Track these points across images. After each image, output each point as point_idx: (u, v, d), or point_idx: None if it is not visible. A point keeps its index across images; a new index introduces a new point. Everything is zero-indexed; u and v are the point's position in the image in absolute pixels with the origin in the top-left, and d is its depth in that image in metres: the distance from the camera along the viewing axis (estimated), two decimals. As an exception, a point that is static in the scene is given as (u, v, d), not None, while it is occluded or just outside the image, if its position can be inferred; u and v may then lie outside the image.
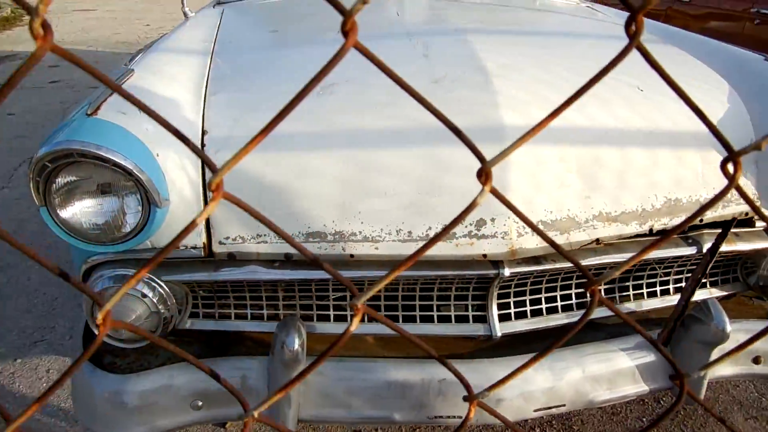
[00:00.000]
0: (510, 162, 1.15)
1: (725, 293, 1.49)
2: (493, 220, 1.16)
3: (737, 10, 3.66)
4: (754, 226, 1.36)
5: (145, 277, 1.22)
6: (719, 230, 1.34)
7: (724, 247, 1.34)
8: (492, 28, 1.60)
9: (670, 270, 1.42)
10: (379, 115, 1.20)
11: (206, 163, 0.35)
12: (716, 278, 1.48)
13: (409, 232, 1.17)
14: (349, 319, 1.33)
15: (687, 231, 1.36)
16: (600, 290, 0.44)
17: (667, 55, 1.59)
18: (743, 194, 0.43)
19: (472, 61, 1.30)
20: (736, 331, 1.37)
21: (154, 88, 1.30)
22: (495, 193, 0.38)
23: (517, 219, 1.16)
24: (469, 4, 1.95)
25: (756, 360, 1.41)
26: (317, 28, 1.74)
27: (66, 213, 1.11)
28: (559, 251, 0.44)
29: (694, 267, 1.41)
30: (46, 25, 0.29)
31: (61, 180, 1.08)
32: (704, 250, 1.33)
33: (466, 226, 1.17)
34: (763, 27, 3.49)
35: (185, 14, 2.20)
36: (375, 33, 1.54)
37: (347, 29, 0.35)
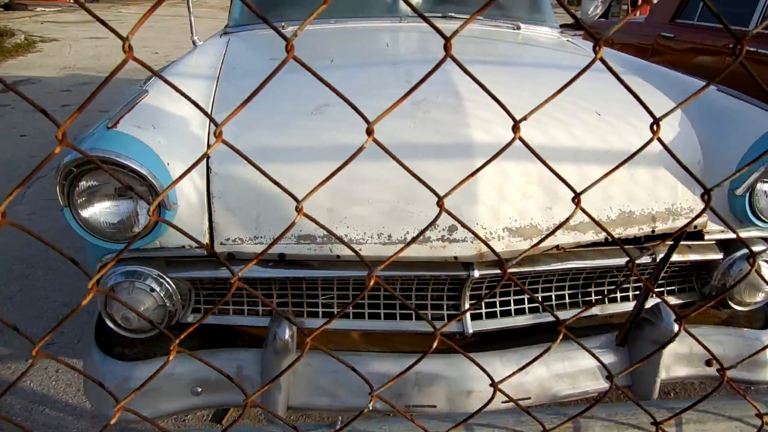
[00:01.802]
0: (478, 175, 1.29)
1: (683, 301, 1.63)
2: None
3: (717, 45, 3.87)
4: (703, 239, 1.50)
5: (154, 273, 1.37)
6: (671, 242, 1.49)
7: (676, 258, 1.48)
8: (471, 58, 1.78)
9: (628, 277, 1.56)
10: (363, 133, 1.36)
11: (209, 118, 0.50)
12: (673, 287, 1.62)
13: (389, 236, 1.32)
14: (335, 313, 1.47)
15: (643, 241, 1.50)
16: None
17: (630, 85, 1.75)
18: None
19: (448, 86, 1.46)
20: (687, 336, 1.51)
21: (166, 107, 1.46)
22: (377, 142, 0.54)
23: (485, 225, 1.31)
24: (457, 37, 2.12)
25: (708, 362, 1.54)
26: (309, 56, 1.92)
27: (86, 213, 1.26)
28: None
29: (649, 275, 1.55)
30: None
31: (83, 184, 1.24)
32: (657, 260, 1.47)
33: (439, 231, 1.32)
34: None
35: (194, 42, 2.38)
36: (366, 62, 1.72)
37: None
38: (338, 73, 1.69)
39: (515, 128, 0.59)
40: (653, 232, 1.43)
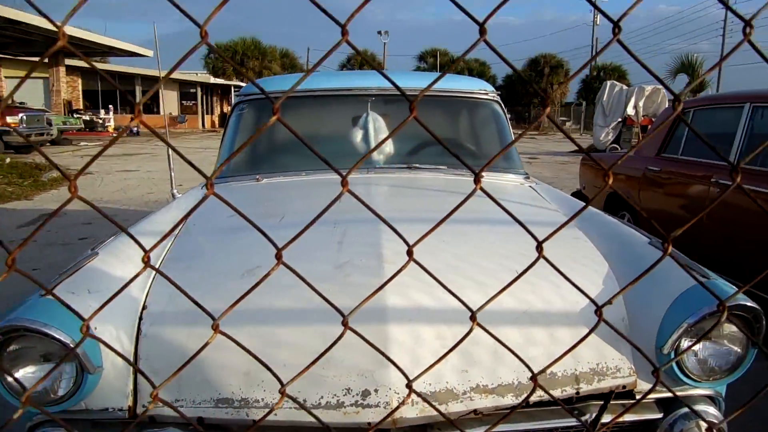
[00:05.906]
0: (390, 339, 1.33)
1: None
2: (376, 390, 1.32)
3: (698, 176, 4.03)
4: (633, 398, 1.47)
5: (78, 437, 1.39)
6: (602, 402, 1.46)
7: (609, 418, 1.44)
8: (409, 216, 1.87)
9: (566, 439, 1.51)
10: (284, 297, 1.42)
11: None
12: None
13: (304, 400, 1.33)
14: (258, 480, 1.44)
15: (573, 402, 1.48)
16: None
17: (564, 238, 1.81)
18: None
19: (374, 248, 1.54)
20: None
21: (110, 269, 1.56)
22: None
23: (398, 390, 1.31)
24: (410, 190, 2.25)
25: None
26: (264, 213, 2.04)
27: (11, 378, 1.31)
28: None
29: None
30: None
31: (11, 348, 1.30)
32: (588, 422, 1.44)
33: (353, 396, 1.32)
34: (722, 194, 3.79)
35: (173, 195, 2.56)
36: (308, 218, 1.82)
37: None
38: (282, 232, 1.79)
39: (472, 318, 0.75)
40: (578, 393, 1.42)
